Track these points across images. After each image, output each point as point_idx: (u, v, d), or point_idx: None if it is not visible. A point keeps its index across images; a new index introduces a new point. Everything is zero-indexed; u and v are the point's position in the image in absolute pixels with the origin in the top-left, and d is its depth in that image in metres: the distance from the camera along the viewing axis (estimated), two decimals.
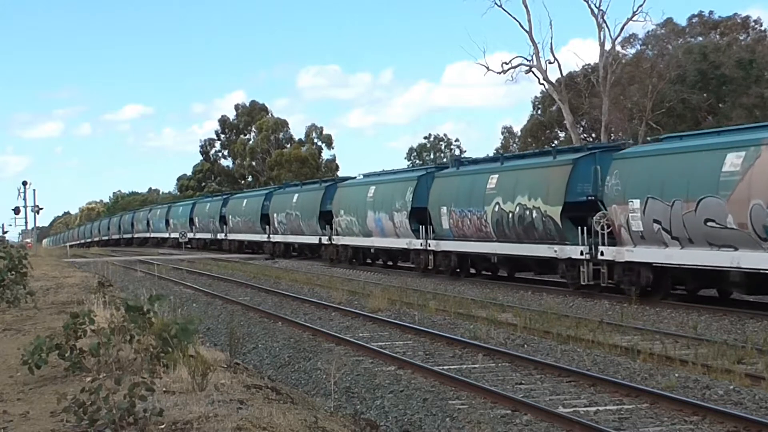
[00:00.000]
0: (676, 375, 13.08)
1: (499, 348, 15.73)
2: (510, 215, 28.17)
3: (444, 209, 32.15)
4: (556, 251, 26.19)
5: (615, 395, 11.90)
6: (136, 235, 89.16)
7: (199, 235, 68.20)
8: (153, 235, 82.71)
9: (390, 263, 40.71)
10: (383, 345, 16.67)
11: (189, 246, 68.04)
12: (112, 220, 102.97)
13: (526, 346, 16.33)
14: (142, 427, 7.48)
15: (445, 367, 14.19)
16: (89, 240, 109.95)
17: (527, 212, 27.37)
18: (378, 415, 11.40)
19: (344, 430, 9.16)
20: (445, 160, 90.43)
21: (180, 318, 10.43)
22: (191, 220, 70.35)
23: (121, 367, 9.90)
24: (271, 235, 52.68)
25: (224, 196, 66.67)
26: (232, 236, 60.62)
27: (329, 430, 8.51)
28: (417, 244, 34.61)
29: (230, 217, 60.51)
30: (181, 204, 78.44)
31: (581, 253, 24.91)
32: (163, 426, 7.62)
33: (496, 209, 28.86)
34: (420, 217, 34.29)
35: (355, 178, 45.54)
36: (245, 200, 59.31)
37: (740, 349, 14.95)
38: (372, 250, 40.71)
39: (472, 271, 32.86)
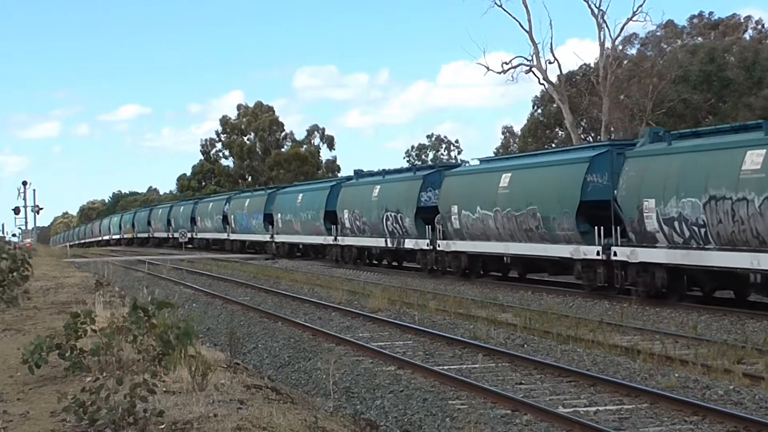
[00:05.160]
0: (676, 375, 13.07)
1: (499, 348, 15.73)
2: None
3: None
4: None
5: (615, 395, 11.90)
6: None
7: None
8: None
9: None
10: (383, 345, 16.67)
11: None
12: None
13: (526, 346, 16.33)
14: (142, 427, 7.50)
15: (445, 367, 14.18)
16: (90, 240, 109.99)
17: None
18: (378, 415, 11.40)
19: (344, 430, 9.17)
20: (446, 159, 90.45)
21: (181, 321, 10.43)
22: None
23: (121, 368, 9.90)
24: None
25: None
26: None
27: (329, 430, 8.51)
28: None
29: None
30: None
31: None
32: (163, 426, 7.63)
33: None
34: None
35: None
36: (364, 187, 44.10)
37: (740, 349, 14.94)
38: None
39: None
